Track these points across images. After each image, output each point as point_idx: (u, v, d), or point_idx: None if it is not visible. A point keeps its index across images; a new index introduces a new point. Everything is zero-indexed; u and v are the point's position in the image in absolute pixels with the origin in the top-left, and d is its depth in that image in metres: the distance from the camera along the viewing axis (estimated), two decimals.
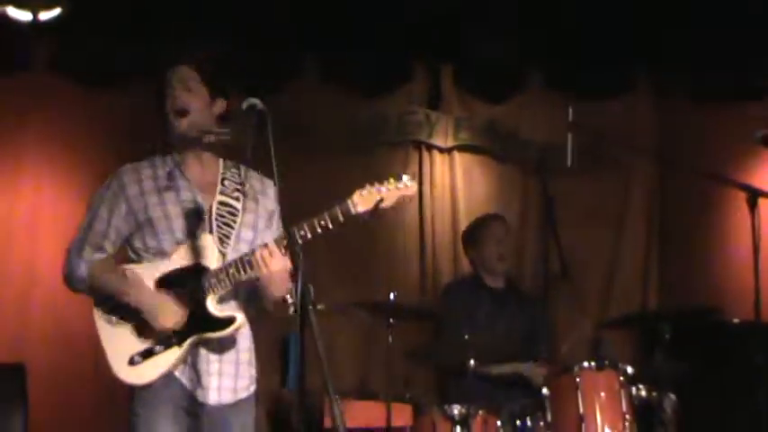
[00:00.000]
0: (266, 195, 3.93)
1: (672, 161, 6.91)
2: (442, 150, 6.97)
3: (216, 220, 3.81)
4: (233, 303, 3.81)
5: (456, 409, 5.35)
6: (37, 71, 6.28)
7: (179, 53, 3.92)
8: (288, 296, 3.57)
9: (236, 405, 3.81)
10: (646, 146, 7.06)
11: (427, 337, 6.22)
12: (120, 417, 3.86)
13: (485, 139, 7.03)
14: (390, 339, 5.43)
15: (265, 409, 6.04)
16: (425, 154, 6.96)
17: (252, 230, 3.87)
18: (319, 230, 3.66)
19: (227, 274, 3.70)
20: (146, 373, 3.72)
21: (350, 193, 3.73)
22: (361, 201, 3.72)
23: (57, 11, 5.82)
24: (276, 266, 3.63)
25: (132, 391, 3.76)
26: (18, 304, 6.18)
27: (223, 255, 3.76)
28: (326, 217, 3.69)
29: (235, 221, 3.84)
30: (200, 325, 3.72)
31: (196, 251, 3.73)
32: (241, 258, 3.69)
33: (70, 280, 3.84)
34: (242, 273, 3.68)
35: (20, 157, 6.33)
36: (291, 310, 3.44)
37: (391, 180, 3.77)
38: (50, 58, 6.30)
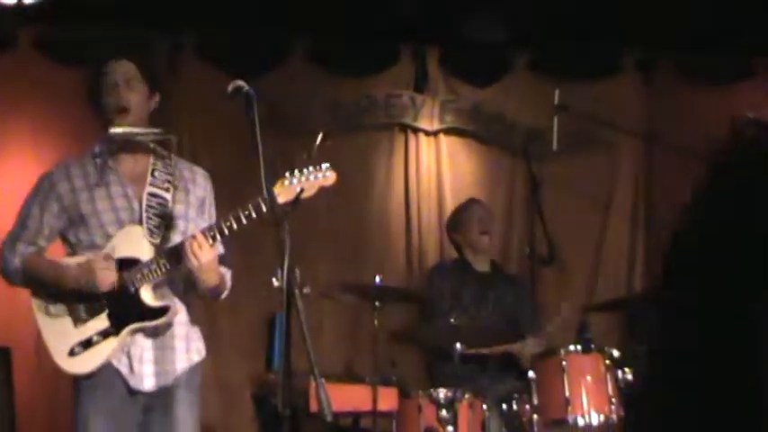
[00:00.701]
0: (196, 183, 4.04)
1: (659, 143, 6.90)
2: (427, 133, 6.96)
3: (146, 211, 3.89)
4: (167, 291, 3.92)
5: (442, 393, 5.35)
6: (21, 54, 6.24)
7: (120, 46, 4.09)
8: (274, 279, 3.57)
9: (176, 383, 3.92)
10: (633, 128, 7.05)
11: (413, 321, 6.22)
12: None
13: (470, 122, 7.01)
14: (376, 322, 5.43)
15: (251, 392, 6.04)
16: (411, 137, 6.95)
17: (183, 220, 3.96)
18: (244, 221, 3.74)
19: (158, 265, 3.81)
20: (86, 363, 3.83)
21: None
22: (282, 191, 3.74)
23: None
24: (205, 258, 3.72)
25: (75, 381, 3.89)
26: (2, 287, 6.13)
27: (154, 245, 3.87)
28: (250, 207, 3.74)
29: (165, 213, 3.94)
30: (135, 314, 3.83)
31: (126, 243, 3.84)
32: (170, 249, 3.82)
33: (6, 274, 3.99)
34: (173, 263, 3.79)
35: (4, 139, 6.31)
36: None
37: (311, 169, 3.79)
38: (35, 40, 6.26)
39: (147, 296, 3.84)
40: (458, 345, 5.59)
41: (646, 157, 7.19)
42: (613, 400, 5.26)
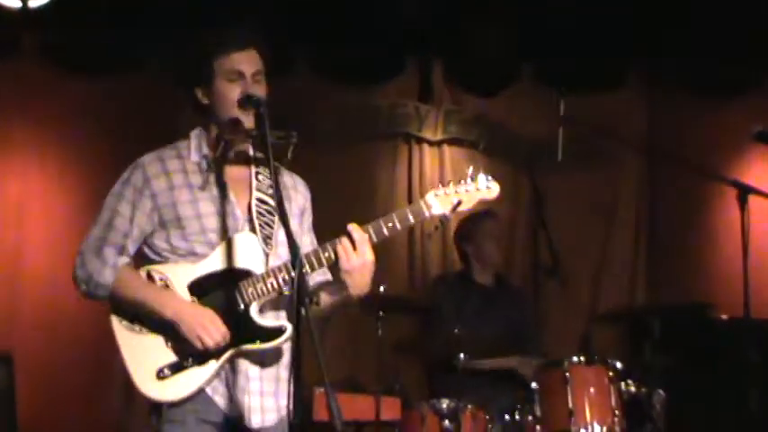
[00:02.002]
0: (297, 191, 3.59)
1: (663, 156, 6.90)
2: (431, 143, 6.96)
3: (257, 219, 3.41)
4: (273, 312, 3.41)
5: (445, 404, 5.35)
6: (25, 59, 6.24)
7: (245, 32, 3.52)
8: (285, 287, 3.29)
9: (279, 426, 3.39)
10: (636, 140, 7.06)
11: (416, 331, 6.21)
12: (110, 406, 3.64)
13: (474, 132, 7.01)
14: (380, 332, 5.42)
15: None
16: (415, 146, 6.95)
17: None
18: (386, 233, 3.37)
19: (276, 278, 3.32)
20: (175, 388, 3.30)
21: (422, 193, 3.46)
22: (438, 202, 3.43)
23: None
24: (369, 257, 3.34)
25: (154, 407, 3.34)
26: (5, 293, 6.15)
27: (267, 256, 3.38)
28: (394, 218, 3.39)
29: (273, 221, 3.44)
30: (242, 336, 3.32)
31: (237, 253, 3.35)
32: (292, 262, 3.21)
33: (88, 284, 3.40)
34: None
35: (7, 144, 6.30)
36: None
37: (469, 180, 3.49)
38: (40, 45, 6.26)
39: (258, 315, 3.34)
40: (461, 355, 5.60)
41: (648, 170, 7.20)
42: (616, 412, 5.25)
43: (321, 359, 2.87)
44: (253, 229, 3.40)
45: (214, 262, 3.36)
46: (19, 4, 5.76)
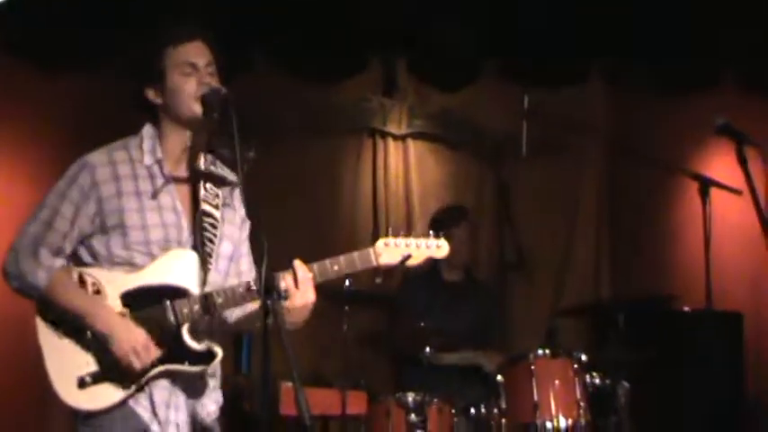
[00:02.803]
0: (236, 197, 3.43)
1: (624, 149, 6.95)
2: (395, 137, 6.97)
3: (200, 233, 3.30)
4: (210, 332, 3.32)
5: (411, 397, 5.36)
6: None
7: (190, 24, 3.36)
8: (252, 283, 3.23)
9: None
10: (599, 135, 7.10)
11: (382, 325, 6.22)
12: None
13: (439, 126, 7.03)
14: (345, 326, 5.43)
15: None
16: (380, 141, 6.96)
17: (231, 243, 3.40)
18: (331, 275, 3.28)
19: (214, 303, 3.23)
20: (97, 398, 3.20)
21: (372, 240, 3.38)
22: (386, 252, 3.35)
23: None
24: (310, 298, 3.25)
25: (76, 418, 3.24)
26: None
27: (206, 275, 3.28)
28: (341, 261, 3.30)
29: (216, 235, 3.34)
30: (171, 355, 3.23)
31: (175, 270, 3.25)
32: (234, 291, 3.24)
33: (20, 283, 3.27)
34: (229, 306, 3.26)
35: None
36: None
37: (422, 236, 3.42)
38: (7, 40, 6.20)
39: (189, 336, 3.24)
40: (427, 349, 5.62)
41: (610, 164, 7.24)
42: (581, 404, 5.29)
43: (289, 354, 2.86)
44: (195, 244, 3.29)
45: (151, 275, 3.24)
46: None
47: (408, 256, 3.38)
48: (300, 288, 3.24)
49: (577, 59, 7.10)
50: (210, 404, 3.37)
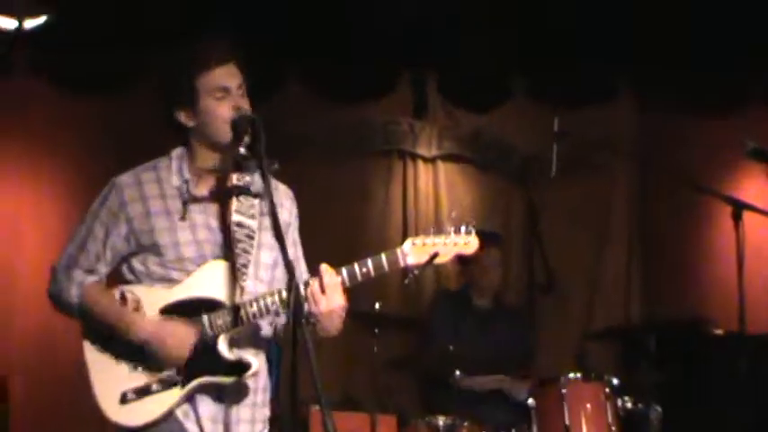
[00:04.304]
0: (283, 207, 3.45)
1: (656, 170, 6.90)
2: (425, 159, 6.96)
3: (235, 245, 3.30)
4: (249, 344, 3.35)
5: (441, 421, 5.33)
6: (20, 77, 6.25)
7: (223, 46, 3.34)
8: (278, 309, 3.24)
9: None
10: (629, 153, 7.05)
11: (412, 348, 6.20)
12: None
13: (469, 148, 7.02)
14: (375, 349, 5.41)
15: None
16: (410, 163, 6.95)
17: (270, 251, 3.39)
18: (359, 278, 3.28)
19: (246, 314, 3.25)
20: (139, 413, 3.25)
21: (400, 242, 3.35)
22: (414, 252, 3.33)
23: (42, 19, 5.78)
24: (338, 302, 3.23)
25: (120, 430, 3.29)
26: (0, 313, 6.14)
27: (241, 288, 3.28)
28: (369, 263, 3.30)
29: (252, 245, 3.33)
30: (208, 367, 3.27)
31: (209, 282, 3.28)
32: (265, 299, 3.25)
33: (58, 302, 3.38)
34: (264, 315, 3.27)
35: (2, 163, 6.30)
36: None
37: (450, 232, 3.36)
38: (34, 63, 6.27)
39: (225, 347, 3.27)
40: (457, 372, 5.59)
41: (640, 183, 7.19)
42: (613, 428, 5.24)
43: (317, 377, 2.85)
44: (230, 256, 3.30)
45: (187, 289, 3.29)
46: (15, 25, 5.76)
47: (436, 255, 3.34)
48: (327, 293, 3.22)
49: (607, 78, 7.07)
50: (259, 423, 3.39)
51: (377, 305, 5.35)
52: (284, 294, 3.20)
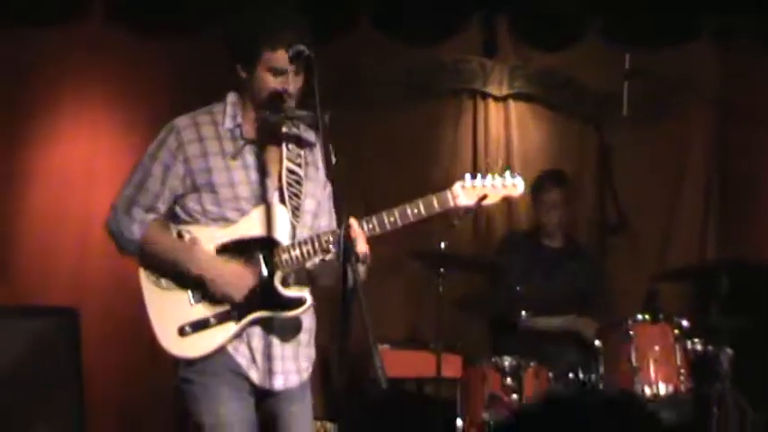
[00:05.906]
0: (318, 156, 3.59)
1: (735, 110, 6.74)
2: (496, 99, 6.87)
3: (287, 189, 3.48)
4: (302, 281, 3.51)
5: (507, 361, 5.32)
6: (95, 22, 6.32)
7: (294, 30, 3.43)
8: (332, 247, 3.38)
9: (300, 388, 3.57)
10: (707, 95, 6.89)
11: (478, 288, 6.17)
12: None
13: (540, 87, 6.90)
14: (441, 289, 5.40)
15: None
16: (480, 102, 6.87)
17: (314, 200, 3.57)
18: (411, 219, 3.48)
19: (301, 252, 3.42)
20: (197, 345, 3.41)
21: (450, 181, 3.53)
22: (463, 194, 3.54)
23: None
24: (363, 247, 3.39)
25: (177, 366, 3.48)
26: (75, 251, 6.25)
27: (293, 228, 3.47)
28: (420, 205, 3.49)
29: (301, 191, 3.53)
30: (264, 302, 3.43)
31: (266, 222, 3.42)
32: (319, 238, 3.43)
33: (118, 240, 3.52)
34: (317, 254, 3.42)
35: (78, 106, 6.40)
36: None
37: (497, 176, 3.59)
38: (109, 8, 6.33)
39: (280, 283, 3.44)
40: (523, 313, 5.56)
41: (719, 126, 7.02)
42: (682, 370, 5.18)
43: (365, 316, 2.91)
44: (282, 199, 3.47)
45: (243, 228, 3.44)
46: None
47: (484, 197, 3.55)
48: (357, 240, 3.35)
49: (686, 17, 6.88)
50: (303, 360, 3.57)
51: (442, 244, 5.32)
52: (338, 232, 3.25)
